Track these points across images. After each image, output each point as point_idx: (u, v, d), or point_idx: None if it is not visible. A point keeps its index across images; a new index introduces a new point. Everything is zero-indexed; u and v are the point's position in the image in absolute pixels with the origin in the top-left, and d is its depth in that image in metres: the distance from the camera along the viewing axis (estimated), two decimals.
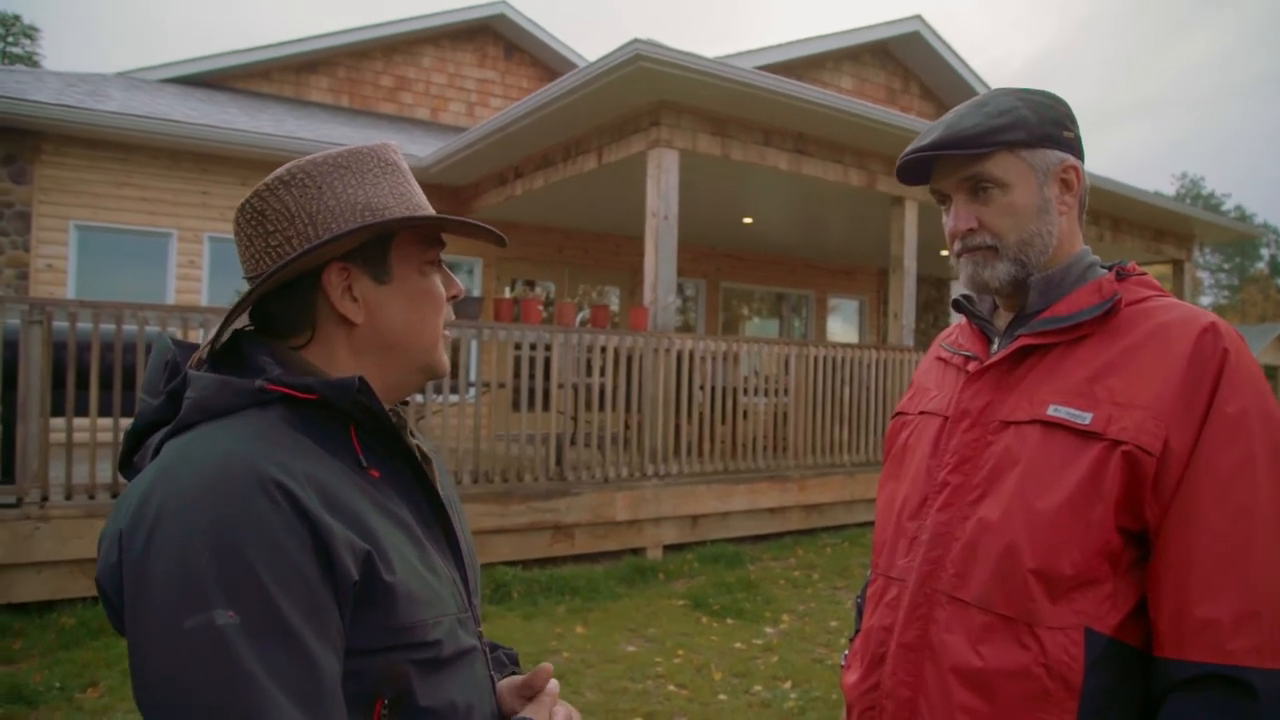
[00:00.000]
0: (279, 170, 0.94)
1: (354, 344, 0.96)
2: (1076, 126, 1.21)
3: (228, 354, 0.95)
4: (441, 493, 1.00)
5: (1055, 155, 1.18)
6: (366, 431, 0.94)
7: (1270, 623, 0.96)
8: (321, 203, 0.92)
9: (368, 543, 0.84)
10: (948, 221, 1.23)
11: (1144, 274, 1.20)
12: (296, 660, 0.75)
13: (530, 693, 1.07)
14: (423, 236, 0.99)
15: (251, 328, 1.00)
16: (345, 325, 0.96)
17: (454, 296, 1.04)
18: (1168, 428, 1.02)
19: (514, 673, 1.15)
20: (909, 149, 1.21)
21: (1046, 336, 1.15)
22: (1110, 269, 1.21)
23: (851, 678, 1.27)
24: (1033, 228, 1.18)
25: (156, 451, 0.87)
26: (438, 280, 1.01)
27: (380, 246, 0.96)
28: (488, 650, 1.04)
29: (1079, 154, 1.21)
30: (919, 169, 1.25)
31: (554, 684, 1.08)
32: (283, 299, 0.95)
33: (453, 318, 1.05)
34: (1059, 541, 1.04)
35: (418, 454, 0.98)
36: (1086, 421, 1.06)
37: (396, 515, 0.92)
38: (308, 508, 0.80)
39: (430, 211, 1.00)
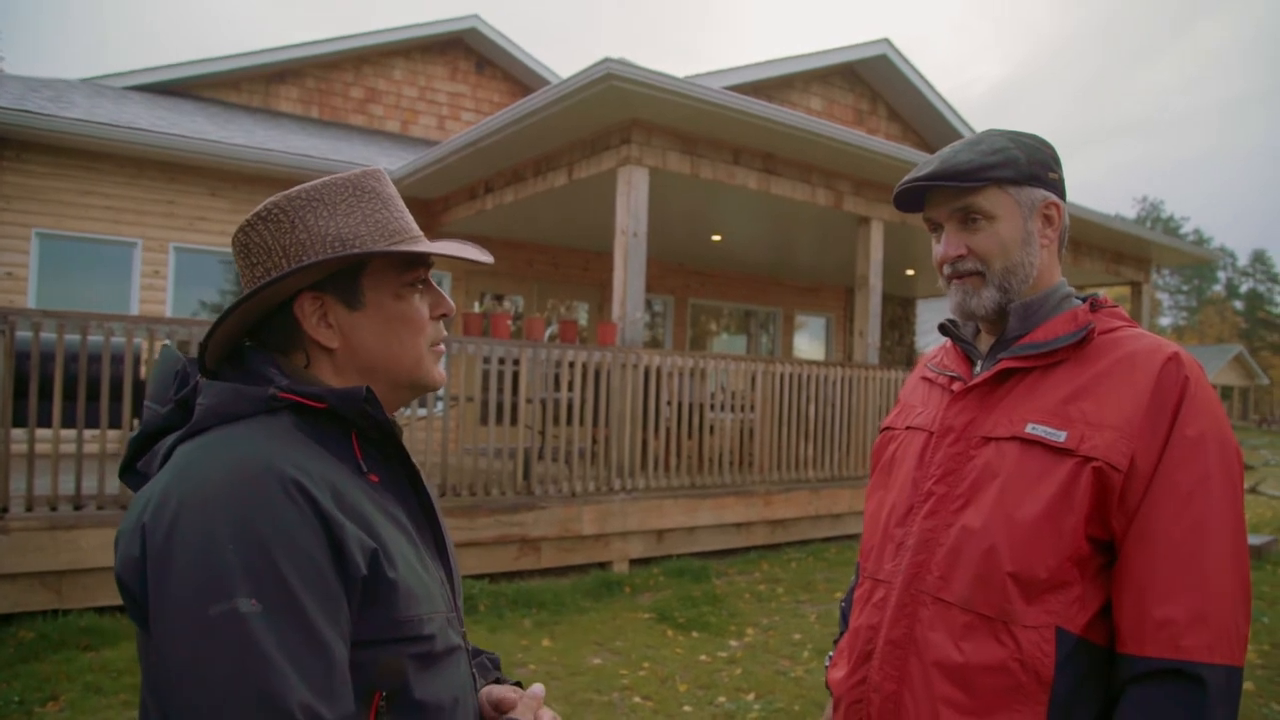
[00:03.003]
0: (261, 205, 0.99)
1: (335, 366, 1.02)
2: (1061, 168, 1.31)
3: (232, 366, 1.00)
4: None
5: (1040, 193, 1.28)
6: (367, 439, 0.99)
7: (1218, 623, 1.06)
8: (294, 237, 0.97)
9: (374, 540, 0.89)
10: (938, 249, 1.33)
11: (1115, 306, 1.30)
12: (312, 646, 0.80)
13: (506, 707, 1.09)
14: (397, 262, 1.02)
15: (250, 345, 1.04)
16: (325, 349, 1.01)
17: (443, 315, 1.08)
18: (1134, 447, 1.11)
19: (499, 678, 1.20)
20: (906, 179, 1.30)
21: (1026, 360, 1.24)
22: (1085, 300, 1.30)
23: (839, 673, 1.36)
24: (1016, 257, 1.27)
25: (167, 456, 0.92)
26: (417, 301, 1.04)
27: (351, 275, 1.00)
28: (470, 653, 1.09)
29: (1061, 193, 1.31)
30: (914, 198, 1.34)
31: (538, 688, 1.12)
32: (271, 324, 1.01)
33: (444, 334, 1.09)
34: (1035, 548, 1.13)
35: (414, 461, 1.04)
36: (1061, 439, 1.15)
37: (394, 517, 0.98)
38: (322, 505, 0.85)
39: (412, 232, 1.04)
